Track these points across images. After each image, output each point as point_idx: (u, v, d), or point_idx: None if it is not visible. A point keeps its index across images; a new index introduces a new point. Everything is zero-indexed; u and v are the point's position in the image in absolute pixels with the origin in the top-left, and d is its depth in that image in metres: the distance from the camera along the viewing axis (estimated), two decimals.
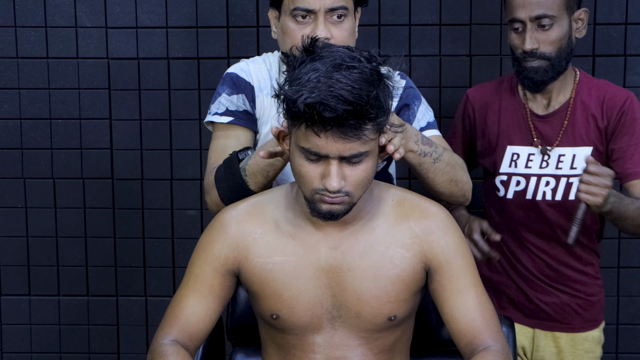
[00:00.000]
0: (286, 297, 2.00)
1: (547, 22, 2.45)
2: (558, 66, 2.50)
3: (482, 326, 2.00)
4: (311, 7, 2.22)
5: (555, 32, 2.47)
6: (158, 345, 2.01)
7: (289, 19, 2.25)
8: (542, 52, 2.47)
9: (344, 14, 2.24)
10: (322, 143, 1.82)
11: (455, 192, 2.27)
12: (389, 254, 2.00)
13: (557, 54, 2.48)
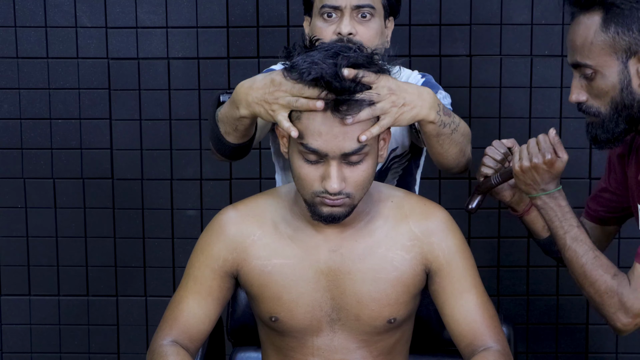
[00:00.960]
0: (285, 300, 2.00)
1: (588, 72, 1.94)
2: (611, 125, 1.96)
3: (482, 327, 2.00)
4: (337, 4, 2.30)
5: (599, 83, 1.94)
6: (158, 345, 2.01)
7: (318, 19, 2.34)
8: (588, 107, 1.97)
9: (371, 13, 2.31)
10: (322, 139, 1.82)
11: (461, 162, 2.21)
12: (389, 256, 1.99)
13: (609, 110, 1.96)
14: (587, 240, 1.99)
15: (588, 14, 1.92)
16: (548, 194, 2.02)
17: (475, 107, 3.21)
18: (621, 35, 1.89)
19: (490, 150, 2.13)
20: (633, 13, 1.88)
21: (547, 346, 3.34)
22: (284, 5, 3.20)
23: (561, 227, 2.01)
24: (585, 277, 1.96)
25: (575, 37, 1.94)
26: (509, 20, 3.17)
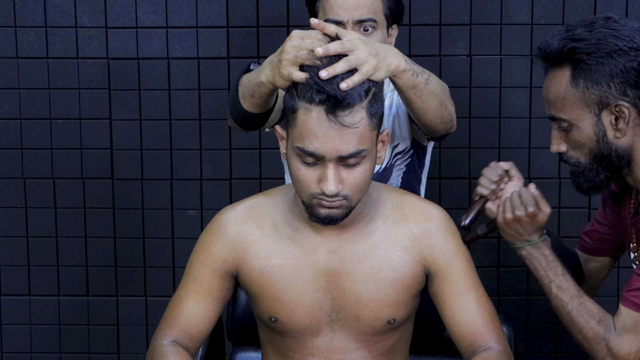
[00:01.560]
0: (285, 300, 2.00)
1: (564, 125, 1.98)
2: (592, 175, 2.00)
3: (483, 328, 2.00)
4: (340, 19, 2.33)
5: (575, 135, 1.98)
6: (157, 345, 2.01)
7: None
8: (568, 157, 2.02)
9: (373, 26, 2.34)
10: (318, 142, 1.81)
11: (445, 116, 2.20)
12: (388, 257, 1.99)
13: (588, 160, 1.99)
14: (572, 288, 2.02)
15: (558, 70, 1.96)
16: (532, 244, 2.06)
17: (475, 107, 3.21)
18: (591, 90, 1.92)
19: (487, 170, 2.14)
20: (599, 68, 1.91)
21: (547, 346, 3.34)
22: (284, 5, 3.20)
23: (546, 276, 2.04)
24: (573, 324, 2.00)
25: (549, 92, 1.99)
26: (509, 20, 3.17)
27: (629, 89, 1.91)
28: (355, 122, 1.81)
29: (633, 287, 1.96)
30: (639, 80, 1.91)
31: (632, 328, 1.95)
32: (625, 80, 1.90)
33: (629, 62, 1.90)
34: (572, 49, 1.92)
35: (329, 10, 2.34)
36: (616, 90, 1.91)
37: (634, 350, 1.94)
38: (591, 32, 1.92)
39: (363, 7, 2.33)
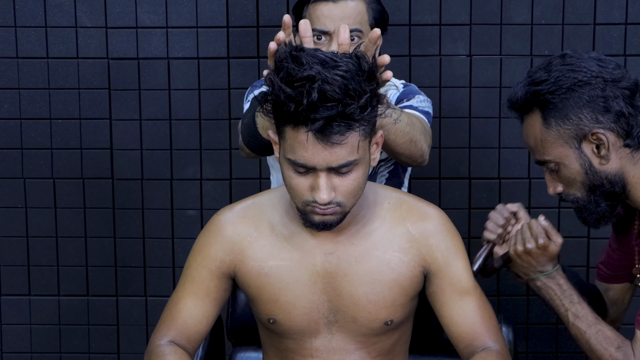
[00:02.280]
0: (282, 302, 2.00)
1: (552, 166, 2.02)
2: (592, 207, 2.03)
3: (481, 328, 2.00)
4: (326, 29, 2.35)
5: (564, 173, 2.02)
6: (155, 346, 2.01)
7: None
8: (566, 195, 2.05)
9: (359, 36, 2.37)
10: (308, 155, 1.80)
11: (414, 152, 2.23)
12: (386, 258, 1.99)
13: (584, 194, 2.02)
14: (589, 315, 2.03)
15: (529, 116, 2.01)
16: (546, 274, 2.07)
17: (475, 107, 3.21)
18: (563, 126, 1.97)
19: (494, 214, 2.16)
20: (565, 103, 1.96)
21: (547, 346, 3.33)
22: (284, 5, 3.20)
23: (562, 306, 2.05)
24: (592, 352, 2.01)
25: (528, 139, 2.04)
26: (509, 20, 3.17)
27: (600, 116, 1.94)
28: (345, 139, 1.79)
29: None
30: (606, 104, 1.94)
31: None
32: (593, 109, 1.94)
33: (592, 91, 1.93)
34: (535, 92, 1.97)
35: (315, 20, 2.37)
36: (588, 120, 1.95)
37: None
38: (549, 73, 1.97)
39: (349, 17, 2.36)
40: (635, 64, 3.16)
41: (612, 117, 1.94)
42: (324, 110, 1.74)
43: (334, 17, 2.36)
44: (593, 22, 3.14)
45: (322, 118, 1.74)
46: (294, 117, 1.77)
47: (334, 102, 1.74)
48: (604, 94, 1.94)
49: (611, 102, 1.94)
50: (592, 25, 3.13)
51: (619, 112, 1.94)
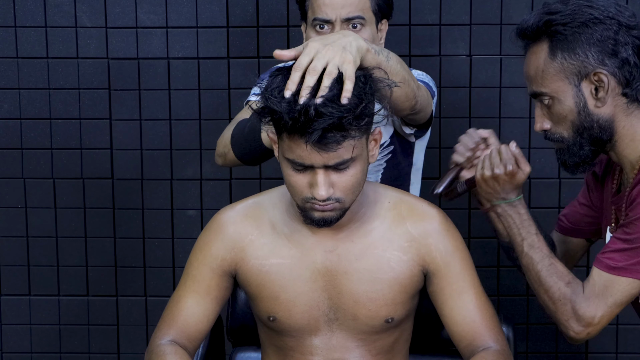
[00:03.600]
0: (283, 300, 2.00)
1: (546, 100, 2.00)
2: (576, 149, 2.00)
3: (482, 327, 2.00)
4: (328, 17, 2.36)
5: (557, 109, 1.99)
6: (156, 345, 2.01)
7: (311, 30, 2.41)
8: (552, 134, 2.03)
9: (361, 23, 2.37)
10: (305, 154, 1.81)
11: (409, 93, 2.18)
12: (385, 256, 1.99)
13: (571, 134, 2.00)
14: (544, 248, 2.01)
15: (536, 45, 1.99)
16: (508, 202, 2.06)
17: (475, 107, 3.21)
18: (569, 60, 1.94)
19: (464, 138, 2.14)
20: (576, 37, 1.93)
21: (547, 346, 3.34)
22: (284, 5, 3.20)
23: (519, 234, 2.04)
24: (540, 283, 1.99)
25: (529, 68, 2.01)
26: (509, 20, 3.17)
27: (607, 58, 1.92)
28: (340, 144, 1.80)
29: (608, 249, 1.95)
30: (615, 48, 1.92)
31: (601, 292, 1.93)
32: (602, 49, 1.92)
33: (605, 31, 1.92)
34: (547, 21, 1.94)
35: (317, 9, 2.38)
36: (594, 59, 1.93)
37: (599, 314, 1.93)
38: (566, 5, 1.95)
39: (350, 5, 2.36)
40: None
41: (618, 63, 1.93)
42: (319, 123, 1.75)
43: (335, 6, 2.36)
44: None
45: (318, 129, 1.76)
46: (291, 130, 1.79)
47: (330, 116, 1.75)
48: (616, 37, 1.92)
49: (620, 47, 1.92)
50: None
51: (625, 59, 1.92)
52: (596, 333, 1.96)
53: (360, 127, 1.81)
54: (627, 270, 1.91)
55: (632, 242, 1.91)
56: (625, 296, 1.93)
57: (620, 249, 1.92)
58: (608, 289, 1.93)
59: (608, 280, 1.93)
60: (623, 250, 1.92)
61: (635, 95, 1.96)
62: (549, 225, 2.32)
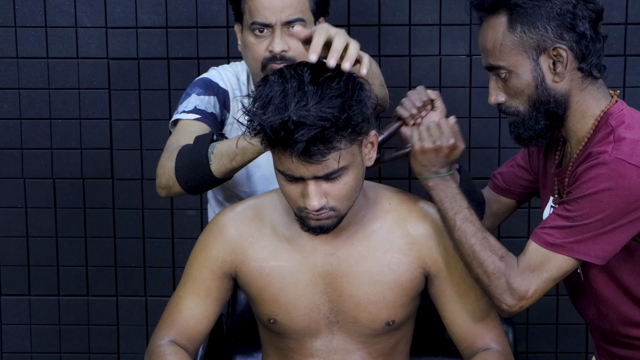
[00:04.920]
0: (283, 302, 2.00)
1: (503, 73, 1.97)
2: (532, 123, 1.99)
3: (483, 328, 2.00)
4: (268, 21, 2.30)
5: (514, 82, 1.97)
6: (156, 346, 2.01)
7: (248, 33, 2.34)
8: (507, 107, 2.00)
9: (302, 25, 2.28)
10: (293, 166, 1.80)
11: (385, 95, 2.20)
12: (386, 259, 1.99)
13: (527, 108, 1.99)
14: (477, 222, 1.99)
15: (494, 17, 1.96)
16: (440, 176, 2.03)
17: (475, 107, 3.21)
18: (528, 34, 1.92)
19: (412, 93, 2.12)
20: (536, 11, 1.91)
21: (547, 346, 3.34)
22: None
23: (451, 209, 2.00)
24: (474, 257, 1.96)
25: (485, 40, 1.98)
26: None
27: (565, 32, 1.91)
28: (325, 156, 1.79)
29: (547, 224, 1.94)
30: (574, 22, 1.91)
31: (537, 266, 1.92)
32: (561, 23, 1.91)
33: (564, 5, 1.91)
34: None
35: (255, 12, 2.31)
36: (553, 33, 1.91)
37: (532, 288, 1.92)
38: None
39: (290, 7, 2.30)
40: (636, 64, 3.16)
41: (575, 37, 1.92)
42: (302, 136, 1.74)
43: (274, 9, 2.29)
44: None
45: (302, 141, 1.75)
46: (275, 144, 1.79)
47: (312, 128, 1.74)
48: (574, 10, 1.91)
49: (578, 20, 1.91)
50: None
51: (582, 33, 1.92)
52: (528, 306, 1.96)
53: (345, 137, 1.79)
54: (565, 248, 1.91)
55: (573, 220, 1.90)
56: (559, 273, 1.93)
57: (560, 225, 1.91)
58: (544, 264, 1.92)
59: (544, 255, 1.92)
60: (562, 227, 1.91)
61: (590, 70, 1.95)
62: None
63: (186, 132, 2.31)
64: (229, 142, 2.11)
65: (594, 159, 1.90)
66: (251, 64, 2.38)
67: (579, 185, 1.90)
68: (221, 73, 2.50)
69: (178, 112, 2.41)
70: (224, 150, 2.12)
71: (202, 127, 2.33)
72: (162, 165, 2.23)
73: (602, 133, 1.95)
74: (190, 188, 2.20)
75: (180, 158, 2.18)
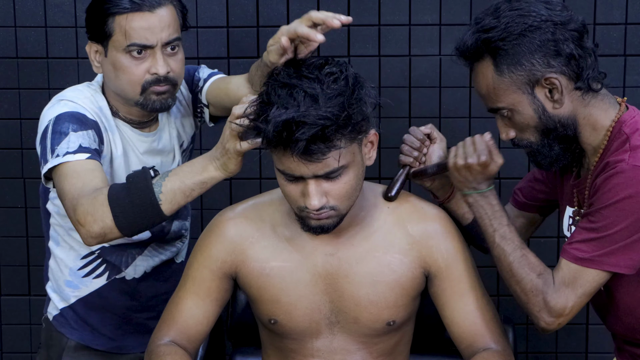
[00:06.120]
0: (284, 303, 2.00)
1: (505, 112, 2.00)
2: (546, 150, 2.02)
3: (483, 328, 2.00)
4: (149, 43, 2.15)
5: (518, 119, 2.00)
6: (156, 346, 2.01)
7: (122, 55, 2.16)
8: (519, 140, 2.04)
9: (178, 44, 2.20)
10: (293, 165, 1.81)
11: None
12: (386, 259, 1.99)
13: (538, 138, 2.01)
14: (516, 239, 2.01)
15: (480, 64, 1.99)
16: (480, 192, 2.05)
17: (475, 107, 3.21)
18: (516, 73, 1.95)
19: (408, 137, 2.14)
20: (517, 49, 1.94)
21: (547, 346, 3.33)
22: (284, 5, 3.20)
23: (491, 225, 2.03)
24: (512, 275, 1.99)
25: (479, 86, 2.02)
26: None
27: (552, 60, 1.93)
28: (326, 154, 1.80)
29: (574, 239, 1.96)
30: (557, 48, 1.93)
31: (570, 282, 1.94)
32: (545, 53, 1.93)
33: (542, 35, 1.92)
34: (485, 40, 1.95)
35: (133, 33, 2.13)
36: (540, 64, 1.93)
37: (569, 305, 1.94)
38: (498, 19, 1.95)
39: (169, 27, 2.16)
40: (636, 64, 3.16)
41: (563, 61, 1.94)
42: (302, 134, 1.75)
43: (154, 29, 2.14)
44: (593, 22, 3.14)
45: (302, 140, 1.76)
46: (276, 144, 1.79)
47: (312, 126, 1.75)
48: (554, 37, 1.93)
49: (561, 45, 1.93)
50: (592, 25, 3.13)
51: (569, 55, 1.93)
52: (566, 322, 1.98)
53: (344, 135, 1.80)
54: (594, 262, 1.92)
55: (598, 231, 1.92)
56: (593, 287, 1.95)
57: (587, 239, 1.93)
58: (577, 280, 1.94)
59: (576, 271, 1.94)
60: (589, 240, 1.93)
61: (588, 85, 1.96)
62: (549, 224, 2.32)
63: (86, 173, 2.07)
64: (180, 178, 1.98)
65: (611, 168, 1.91)
66: (125, 88, 2.19)
67: (600, 196, 1.92)
68: (80, 104, 2.23)
69: (59, 155, 2.10)
70: (177, 187, 1.97)
71: (97, 166, 2.11)
72: (89, 212, 1.98)
73: (617, 142, 1.96)
74: (134, 232, 2.03)
75: (118, 203, 1.97)
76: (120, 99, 2.25)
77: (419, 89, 3.19)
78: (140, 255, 2.35)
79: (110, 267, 2.33)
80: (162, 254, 2.39)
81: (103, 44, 2.19)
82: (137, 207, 1.98)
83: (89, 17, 2.22)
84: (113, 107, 2.27)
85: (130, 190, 1.98)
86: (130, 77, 2.17)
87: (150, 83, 2.17)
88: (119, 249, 2.32)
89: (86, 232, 2.00)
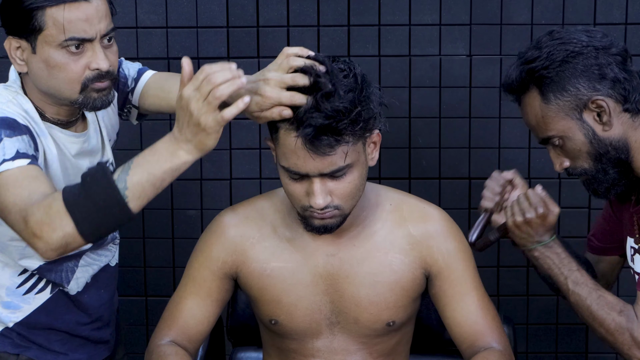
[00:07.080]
0: (285, 303, 2.00)
1: (556, 141, 2.02)
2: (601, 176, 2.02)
3: (484, 329, 2.00)
4: (88, 36, 1.95)
5: (569, 146, 2.01)
6: (156, 346, 2.01)
7: (57, 51, 1.96)
8: (573, 169, 2.04)
9: (113, 35, 2.02)
10: (300, 162, 1.81)
11: None
12: (387, 260, 1.99)
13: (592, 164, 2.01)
14: (590, 282, 2.02)
15: (527, 95, 2.02)
16: (544, 244, 2.07)
17: (475, 107, 3.21)
18: (563, 99, 1.97)
19: (490, 182, 2.16)
20: (561, 75, 1.97)
21: (547, 346, 3.33)
22: (284, 5, 3.20)
23: (561, 274, 2.04)
24: (594, 318, 1.99)
25: (528, 118, 2.04)
26: (509, 20, 3.17)
27: (597, 83, 1.95)
28: (333, 148, 1.81)
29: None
30: (601, 72, 1.95)
31: None
32: (590, 77, 1.95)
33: (585, 60, 1.95)
34: (529, 70, 1.98)
35: (70, 27, 1.93)
36: (585, 89, 1.95)
37: None
38: (540, 49, 1.98)
39: (105, 16, 1.98)
40: (636, 64, 3.15)
41: (609, 84, 1.95)
42: (315, 119, 1.76)
43: (92, 20, 1.95)
44: (593, 22, 3.14)
45: (313, 126, 1.76)
46: (290, 120, 1.79)
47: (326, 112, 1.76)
48: (598, 61, 1.95)
49: (605, 69, 1.95)
50: (593, 25, 3.13)
51: (614, 78, 1.95)
52: None
53: (354, 132, 1.81)
54: None
55: None
56: None
57: None
58: None
59: None
60: None
61: (636, 107, 1.98)
62: None
63: (30, 180, 1.86)
64: (146, 169, 1.77)
65: None
66: (62, 87, 1.98)
67: None
68: (5, 108, 1.99)
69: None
70: (144, 180, 1.77)
71: (40, 172, 1.90)
72: (44, 222, 1.78)
73: None
74: (99, 237, 1.85)
75: (77, 207, 1.77)
76: (47, 99, 2.03)
77: (419, 89, 3.19)
78: (77, 267, 2.14)
79: (52, 284, 2.12)
80: (99, 260, 2.19)
81: (29, 39, 1.97)
82: (101, 209, 1.77)
83: (8, 8, 1.98)
84: (38, 108, 2.04)
85: (89, 190, 1.78)
86: (68, 74, 1.97)
87: (91, 80, 1.97)
88: (56, 265, 2.09)
89: (44, 245, 1.79)
